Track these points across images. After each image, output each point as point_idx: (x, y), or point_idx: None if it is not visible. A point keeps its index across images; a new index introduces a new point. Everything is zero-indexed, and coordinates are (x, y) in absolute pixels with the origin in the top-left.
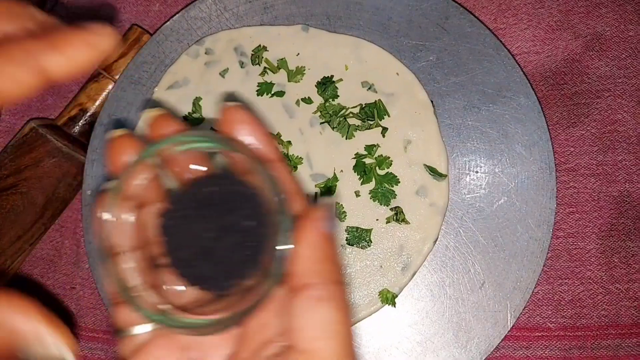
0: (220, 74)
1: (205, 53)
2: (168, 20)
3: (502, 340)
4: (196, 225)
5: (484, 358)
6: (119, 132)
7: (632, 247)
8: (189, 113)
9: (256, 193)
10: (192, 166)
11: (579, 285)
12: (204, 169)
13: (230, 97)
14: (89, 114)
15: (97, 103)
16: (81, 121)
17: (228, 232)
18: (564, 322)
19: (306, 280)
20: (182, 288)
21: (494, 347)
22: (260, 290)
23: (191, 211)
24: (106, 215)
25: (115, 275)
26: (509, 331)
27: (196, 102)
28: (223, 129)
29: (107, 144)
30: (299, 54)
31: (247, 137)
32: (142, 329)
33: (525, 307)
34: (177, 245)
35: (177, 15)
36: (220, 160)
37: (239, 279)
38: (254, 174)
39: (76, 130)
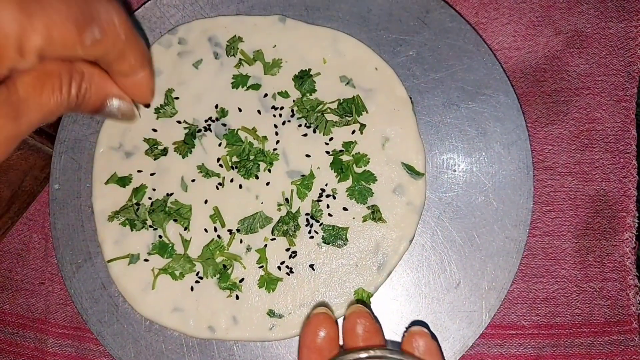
0: (193, 65)
1: (178, 43)
2: (139, 7)
3: (476, 339)
4: None
5: (458, 357)
6: (320, 309)
7: (607, 246)
8: (160, 105)
9: None
10: None
11: (553, 283)
12: None
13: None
14: None
15: None
16: None
17: None
18: (538, 320)
19: None
20: None
21: (469, 346)
22: None
23: None
24: None
25: None
26: (483, 330)
27: (168, 93)
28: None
29: (307, 319)
30: (275, 45)
31: None
32: None
33: (500, 306)
34: None
35: (149, 2)
36: None
37: None
38: None
39: None
